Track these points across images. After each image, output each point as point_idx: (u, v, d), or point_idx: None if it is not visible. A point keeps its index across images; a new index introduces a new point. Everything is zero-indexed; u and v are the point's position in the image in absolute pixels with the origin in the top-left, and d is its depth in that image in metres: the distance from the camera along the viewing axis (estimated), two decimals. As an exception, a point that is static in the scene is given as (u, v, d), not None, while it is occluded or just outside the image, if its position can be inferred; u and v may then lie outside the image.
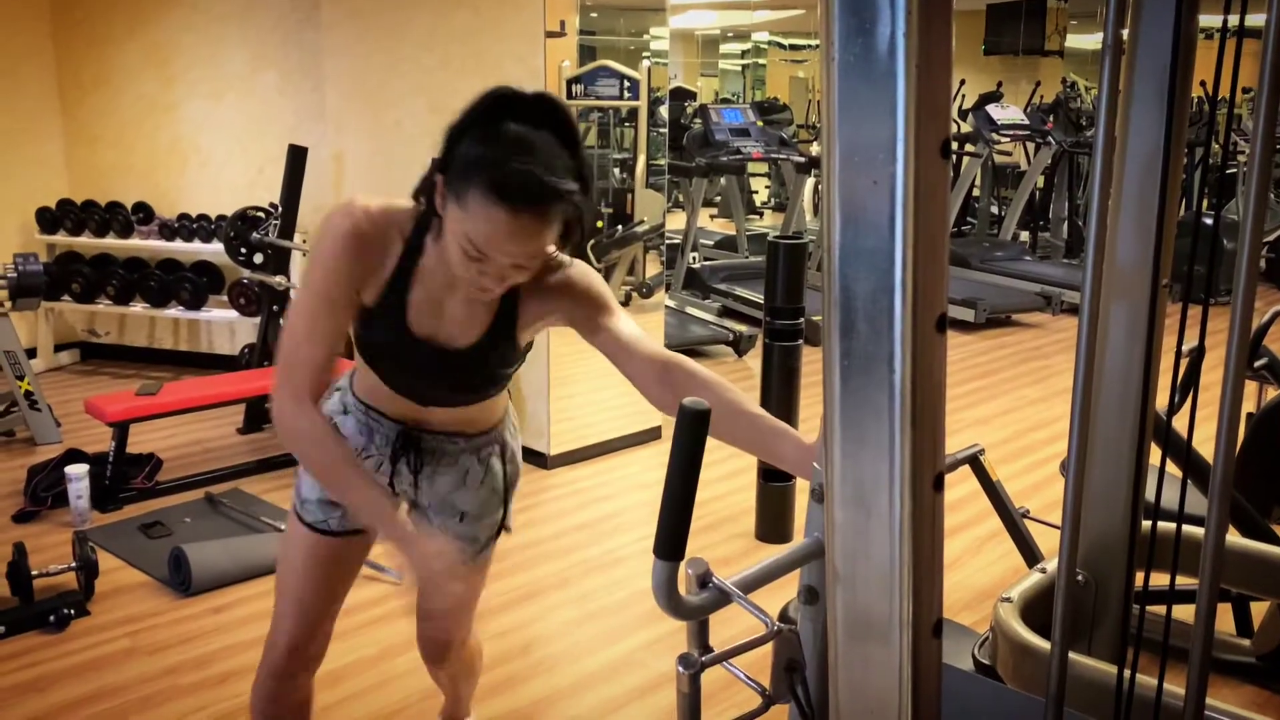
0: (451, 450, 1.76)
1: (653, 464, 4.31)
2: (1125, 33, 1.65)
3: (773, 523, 3.61)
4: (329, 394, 1.76)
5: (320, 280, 1.50)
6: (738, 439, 1.46)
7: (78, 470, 3.58)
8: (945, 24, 0.85)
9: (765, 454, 1.47)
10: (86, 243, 5.42)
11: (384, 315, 1.55)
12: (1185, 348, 1.45)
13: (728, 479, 4.05)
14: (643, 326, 5.13)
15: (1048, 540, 2.77)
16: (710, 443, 1.20)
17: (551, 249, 1.48)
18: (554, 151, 1.38)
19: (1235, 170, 8.44)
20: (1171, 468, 2.59)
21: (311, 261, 1.52)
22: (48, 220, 5.42)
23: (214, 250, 5.18)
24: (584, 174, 1.42)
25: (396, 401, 1.70)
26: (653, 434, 4.51)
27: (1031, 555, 2.74)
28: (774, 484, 3.58)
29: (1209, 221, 6.35)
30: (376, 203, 1.53)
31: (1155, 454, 2.09)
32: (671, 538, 1.09)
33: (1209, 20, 1.37)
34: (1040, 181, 8.99)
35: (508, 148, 1.35)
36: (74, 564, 3.06)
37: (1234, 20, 1.11)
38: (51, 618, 2.92)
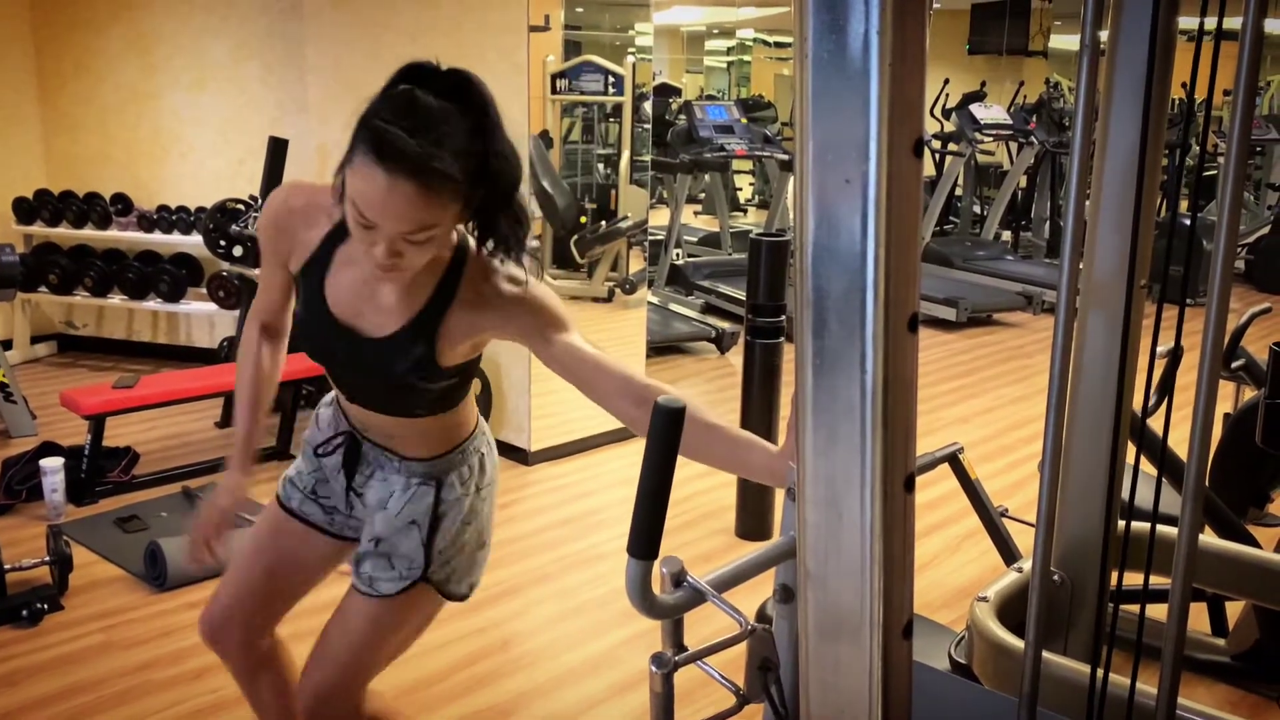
0: (386, 465, 1.70)
1: (634, 460, 4.30)
2: (1105, 34, 1.65)
3: (753, 520, 3.62)
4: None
5: (260, 245, 1.65)
6: (711, 454, 1.42)
7: (53, 463, 3.54)
8: (919, 22, 0.85)
9: (737, 466, 1.44)
10: (64, 233, 5.37)
11: (305, 289, 1.59)
12: (1162, 349, 1.46)
13: (709, 475, 4.05)
14: (625, 323, 5.07)
15: (1026, 539, 2.77)
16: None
17: (454, 236, 1.49)
18: (448, 124, 1.32)
19: (1214, 172, 8.50)
20: (1150, 468, 2.60)
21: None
22: (25, 210, 5.36)
23: (193, 242, 5.14)
24: (484, 159, 1.36)
25: (341, 396, 1.73)
26: (634, 430, 4.51)
27: (1009, 554, 2.75)
28: (755, 481, 3.57)
29: (1188, 222, 6.38)
30: (315, 184, 1.60)
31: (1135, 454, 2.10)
32: (646, 536, 1.08)
33: (1189, 23, 1.37)
34: (1023, 181, 9.02)
35: (393, 109, 1.32)
36: (48, 558, 3.03)
37: (1211, 23, 1.11)
38: (24, 612, 2.89)
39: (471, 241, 1.50)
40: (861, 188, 0.87)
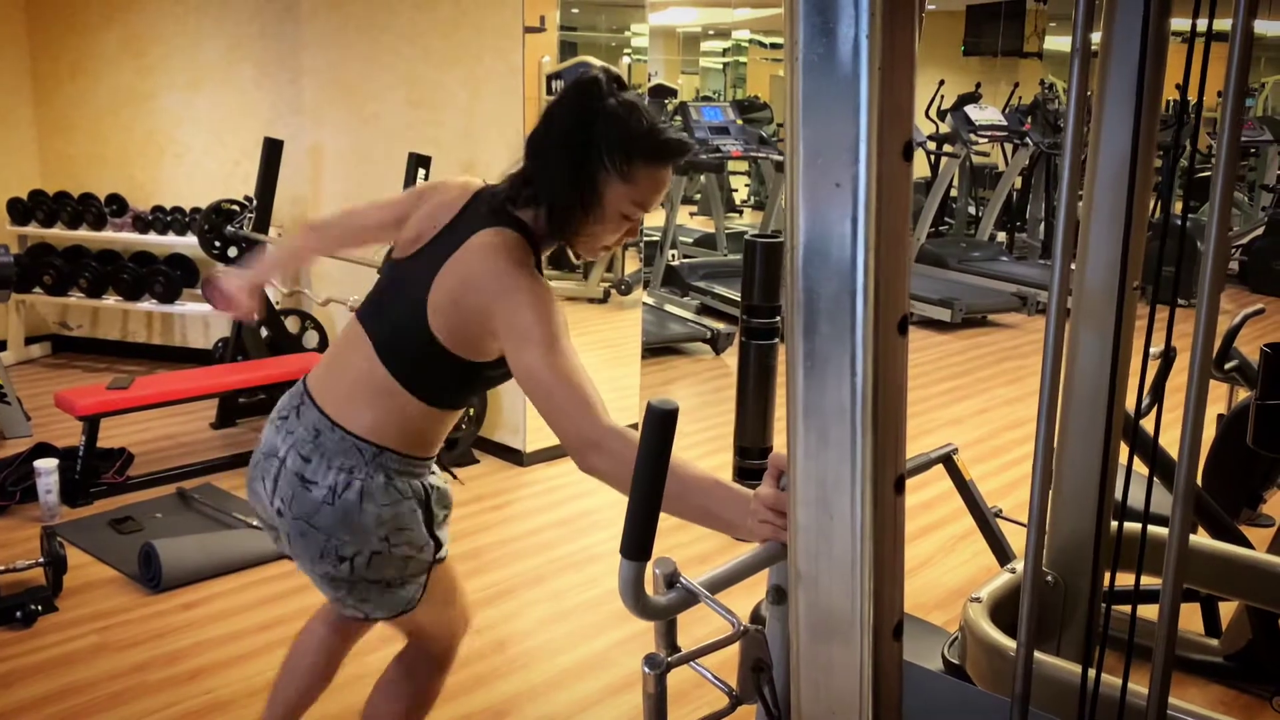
0: None
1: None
2: (1098, 36, 1.65)
3: (748, 521, 3.61)
4: (375, 493, 1.65)
5: (554, 316, 1.51)
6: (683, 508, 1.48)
7: (47, 464, 3.54)
8: (909, 26, 0.85)
9: (698, 511, 1.52)
10: (59, 234, 5.36)
11: None
12: (1156, 350, 1.46)
13: (703, 477, 4.05)
14: (621, 324, 5.05)
15: (1020, 540, 2.77)
16: (686, 439, 1.20)
17: None
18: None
19: (1207, 173, 8.50)
20: (1144, 469, 2.60)
21: (526, 304, 1.50)
22: (19, 211, 5.35)
23: (188, 243, 5.14)
24: None
25: (453, 421, 1.77)
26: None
27: (1003, 555, 2.75)
28: (750, 483, 3.57)
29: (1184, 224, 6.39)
30: (514, 236, 1.60)
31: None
32: (638, 538, 1.09)
33: (1182, 24, 1.38)
34: (1018, 182, 9.03)
35: (648, 119, 1.55)
36: (42, 559, 3.03)
37: (1204, 24, 1.12)
38: (18, 614, 2.88)
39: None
40: (851, 191, 0.87)
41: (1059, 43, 11.22)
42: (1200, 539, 2.22)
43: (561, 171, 1.55)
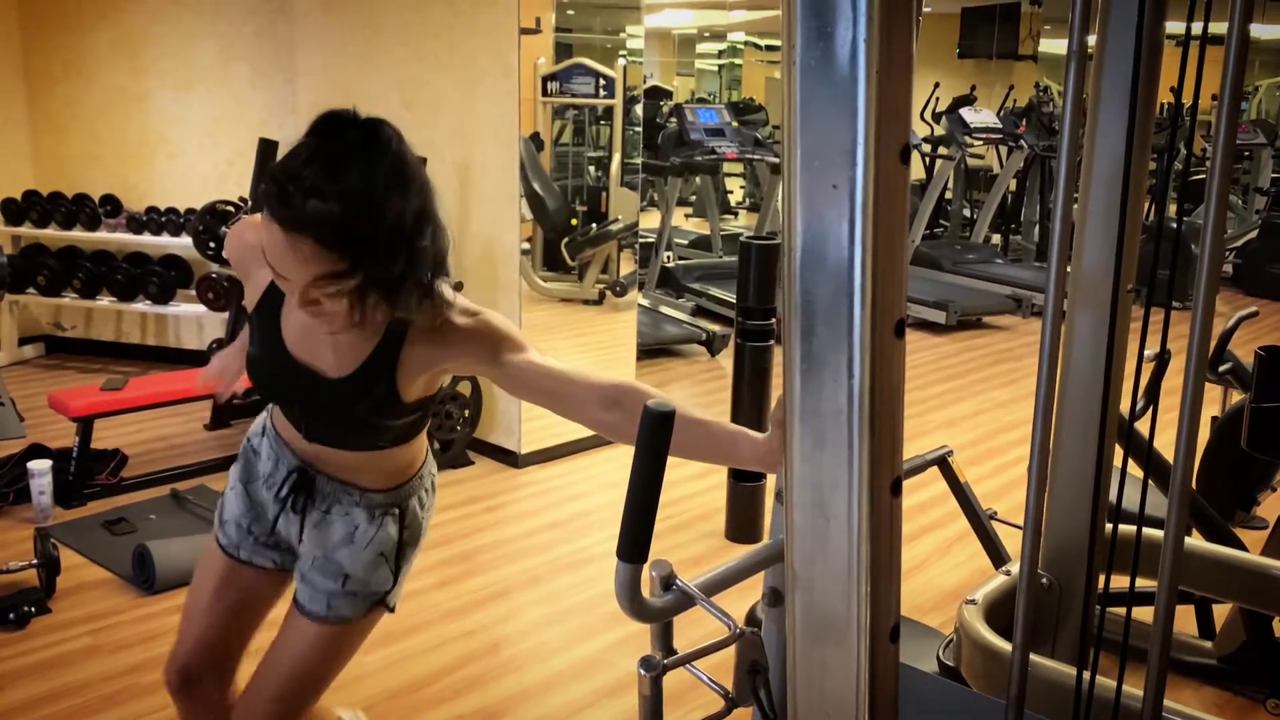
0: (345, 500, 1.65)
1: (625, 463, 4.28)
2: (1094, 39, 1.66)
3: (743, 523, 3.62)
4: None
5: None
6: (698, 450, 1.38)
7: (40, 465, 3.53)
8: (906, 29, 0.85)
9: (725, 459, 1.39)
10: (53, 235, 5.34)
11: (261, 328, 1.53)
12: (1149, 352, 1.46)
13: (699, 478, 4.06)
14: (616, 325, 5.05)
15: (1016, 542, 2.78)
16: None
17: (345, 282, 1.32)
18: (336, 168, 1.28)
19: (1201, 176, 8.53)
20: (1138, 471, 2.61)
21: None
22: (13, 212, 5.33)
23: (182, 244, 5.12)
24: (371, 211, 1.29)
25: (291, 431, 1.64)
26: (624, 433, 4.50)
27: (999, 557, 2.76)
28: (745, 484, 3.58)
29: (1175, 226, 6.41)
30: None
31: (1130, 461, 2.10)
32: (634, 540, 1.08)
33: (1177, 28, 1.38)
34: (1012, 185, 9.04)
35: (283, 161, 1.31)
36: (35, 561, 3.02)
37: (1199, 28, 1.12)
38: (11, 615, 2.87)
39: None
40: (849, 193, 0.87)
41: (1053, 45, 11.25)
42: (1194, 541, 2.22)
43: None
